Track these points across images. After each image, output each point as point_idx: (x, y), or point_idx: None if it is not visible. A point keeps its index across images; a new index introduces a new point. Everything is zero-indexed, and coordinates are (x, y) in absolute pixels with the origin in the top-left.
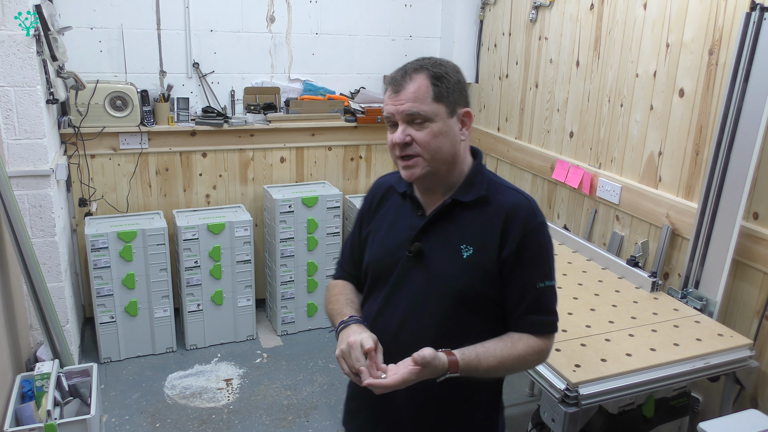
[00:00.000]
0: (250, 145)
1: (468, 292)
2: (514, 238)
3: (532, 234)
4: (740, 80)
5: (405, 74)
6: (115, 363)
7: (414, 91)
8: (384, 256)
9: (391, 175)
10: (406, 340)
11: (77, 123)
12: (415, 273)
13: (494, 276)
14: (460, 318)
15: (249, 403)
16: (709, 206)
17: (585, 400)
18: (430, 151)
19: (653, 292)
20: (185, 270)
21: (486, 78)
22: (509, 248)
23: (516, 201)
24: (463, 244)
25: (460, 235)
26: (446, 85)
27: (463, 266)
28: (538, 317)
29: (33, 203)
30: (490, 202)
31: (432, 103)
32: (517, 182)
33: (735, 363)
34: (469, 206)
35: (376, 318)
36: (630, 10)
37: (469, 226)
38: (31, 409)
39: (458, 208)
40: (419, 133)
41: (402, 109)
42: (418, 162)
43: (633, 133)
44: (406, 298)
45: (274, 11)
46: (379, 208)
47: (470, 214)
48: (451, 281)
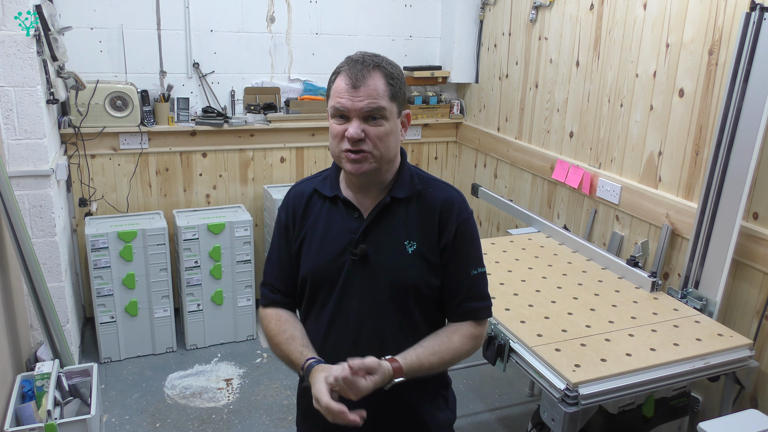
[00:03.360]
0: (250, 145)
1: (419, 285)
2: (450, 230)
3: (465, 224)
4: (740, 80)
5: (364, 69)
6: (115, 363)
7: (374, 88)
8: (325, 265)
9: (307, 182)
10: (366, 344)
11: (77, 123)
12: (362, 276)
13: (437, 267)
14: (414, 312)
15: (249, 403)
16: (709, 206)
17: (585, 399)
18: (380, 149)
19: (653, 292)
20: (185, 270)
21: (486, 78)
22: (446, 239)
23: (448, 195)
24: (406, 240)
25: (402, 231)
26: (398, 85)
27: (411, 261)
28: (475, 304)
29: (33, 203)
30: (423, 196)
31: (388, 101)
32: (517, 182)
33: (735, 363)
34: (405, 202)
35: (329, 328)
36: (630, 10)
37: (409, 221)
38: (32, 409)
39: (395, 205)
40: (373, 130)
41: (361, 106)
42: (367, 158)
43: (633, 133)
44: (357, 302)
45: (274, 11)
46: (305, 217)
47: (407, 210)
48: (402, 277)
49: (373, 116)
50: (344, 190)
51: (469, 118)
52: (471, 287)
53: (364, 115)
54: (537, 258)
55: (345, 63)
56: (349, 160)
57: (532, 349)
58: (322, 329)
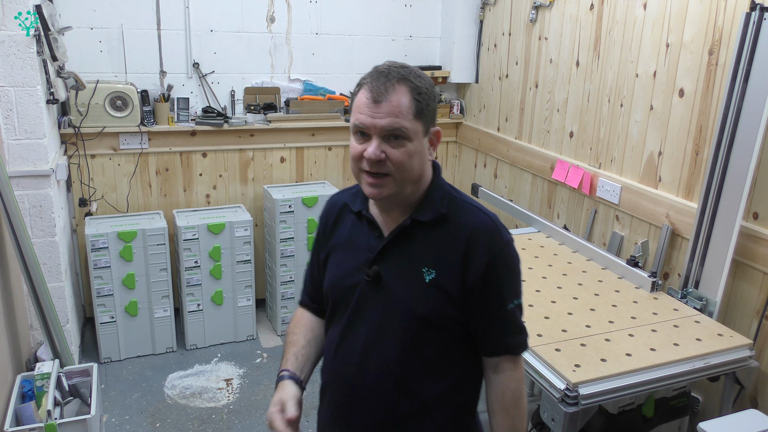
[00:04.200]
0: (250, 145)
1: (433, 316)
2: (481, 262)
3: (499, 256)
4: (740, 80)
5: (387, 82)
6: (115, 363)
7: (397, 104)
8: (342, 281)
9: (344, 192)
10: (369, 370)
11: (77, 123)
12: (374, 298)
13: (458, 299)
14: (423, 345)
15: (249, 403)
16: (709, 206)
17: (585, 399)
18: (403, 171)
19: (653, 292)
20: (185, 270)
21: (486, 78)
22: (476, 272)
23: (479, 221)
24: (424, 266)
25: (421, 257)
26: (426, 101)
27: (426, 291)
28: (511, 338)
29: (33, 203)
30: (450, 221)
31: (413, 120)
32: (516, 182)
33: (735, 363)
34: (429, 226)
35: (339, 346)
36: (630, 10)
37: (430, 247)
38: (32, 409)
39: (417, 228)
40: (395, 152)
41: (382, 124)
42: (387, 182)
43: (633, 133)
44: (366, 325)
45: (274, 11)
46: (335, 229)
47: (430, 235)
48: (413, 307)
49: (394, 135)
50: (371, 206)
51: (469, 118)
52: (506, 322)
53: (384, 133)
54: (537, 258)
55: (369, 75)
56: (368, 184)
57: (532, 349)
58: (334, 345)
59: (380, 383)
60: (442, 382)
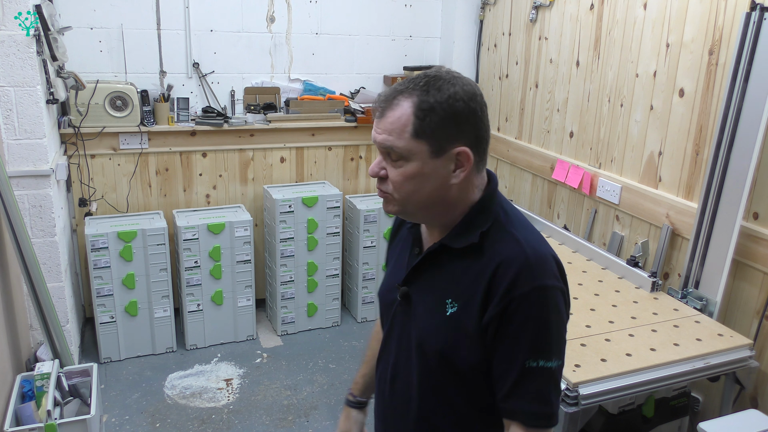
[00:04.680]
0: (250, 145)
1: (449, 354)
2: (500, 300)
3: (524, 300)
4: (740, 80)
5: (392, 96)
6: (115, 363)
7: (392, 121)
8: (386, 294)
9: None
10: (398, 390)
11: (77, 123)
12: (404, 320)
13: (476, 340)
14: (446, 385)
15: (249, 403)
16: (709, 206)
17: (585, 400)
18: (402, 193)
19: (653, 292)
20: (185, 270)
21: (486, 78)
22: (492, 310)
23: (512, 254)
24: (449, 298)
25: (447, 287)
26: (432, 118)
27: (446, 325)
28: (522, 404)
29: (33, 203)
30: (485, 251)
31: (410, 139)
32: (517, 182)
33: (735, 363)
34: (461, 254)
35: (379, 359)
36: (630, 10)
37: (458, 277)
38: (31, 409)
39: (449, 254)
40: (393, 171)
41: (378, 140)
42: (390, 200)
43: (633, 133)
44: (396, 345)
45: (274, 11)
46: (394, 239)
47: (461, 264)
48: (431, 339)
49: (391, 154)
50: None
51: None
52: (520, 381)
53: (383, 150)
54: None
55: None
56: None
57: None
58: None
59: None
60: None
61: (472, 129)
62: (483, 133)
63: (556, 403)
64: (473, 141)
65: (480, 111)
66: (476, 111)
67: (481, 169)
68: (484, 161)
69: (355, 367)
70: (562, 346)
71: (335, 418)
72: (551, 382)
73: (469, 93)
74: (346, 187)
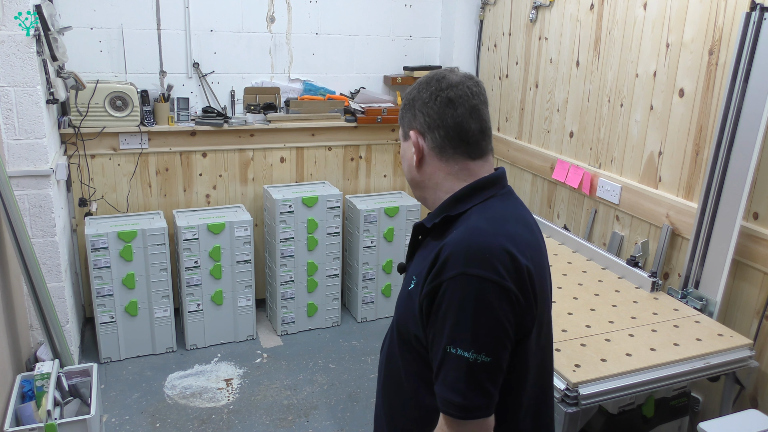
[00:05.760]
0: (250, 145)
1: (401, 328)
2: (432, 280)
3: (450, 283)
4: (740, 80)
5: None
6: (115, 363)
7: None
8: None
9: None
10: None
11: (77, 123)
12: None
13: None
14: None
15: (249, 403)
16: (709, 206)
17: (585, 400)
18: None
19: (653, 292)
20: (185, 270)
21: (486, 78)
22: (425, 289)
23: (456, 239)
24: (413, 275)
25: (416, 264)
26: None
27: (405, 298)
28: (440, 389)
29: (33, 203)
30: (445, 235)
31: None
32: (517, 182)
33: (735, 363)
34: (433, 235)
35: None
36: (630, 10)
37: (424, 256)
38: (31, 409)
39: (423, 234)
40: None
41: None
42: None
43: (633, 133)
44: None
45: (274, 11)
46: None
47: (430, 244)
48: (396, 314)
49: None
50: None
51: None
52: (441, 366)
53: None
54: None
55: None
56: None
57: None
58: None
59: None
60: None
61: (432, 115)
62: (449, 121)
63: (471, 397)
64: (430, 126)
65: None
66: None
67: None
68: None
69: (354, 367)
70: (485, 340)
71: (335, 418)
72: (466, 373)
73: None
74: (346, 187)
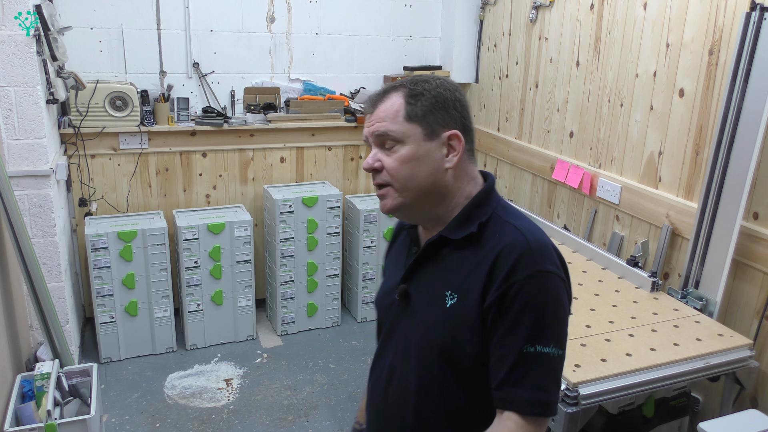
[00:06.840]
0: (250, 145)
1: (448, 347)
2: (500, 284)
3: (524, 283)
4: (740, 80)
5: (382, 92)
6: (115, 363)
7: (385, 110)
8: (382, 299)
9: None
10: (392, 395)
11: (77, 123)
12: (402, 320)
13: (476, 330)
14: (441, 376)
15: (249, 403)
16: (709, 206)
17: (585, 400)
18: (399, 179)
19: (653, 292)
20: (185, 270)
21: (486, 78)
22: (492, 296)
23: (514, 240)
24: (448, 290)
25: (446, 279)
26: (423, 103)
27: (445, 317)
28: (519, 391)
29: (33, 203)
30: (484, 242)
31: (403, 122)
32: (517, 182)
33: (735, 363)
34: (460, 246)
35: (373, 368)
36: (630, 10)
37: (457, 269)
38: (31, 409)
39: (448, 247)
40: (388, 158)
41: (371, 131)
42: (389, 193)
43: (633, 133)
44: (393, 348)
45: (274, 11)
46: (394, 244)
47: (461, 256)
48: (431, 333)
49: (386, 141)
50: None
51: None
52: (517, 368)
53: (377, 141)
54: None
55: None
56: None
57: None
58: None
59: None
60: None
61: (460, 116)
62: (469, 123)
63: (554, 393)
64: (462, 127)
65: (465, 103)
66: (462, 101)
67: (473, 159)
68: (473, 151)
69: (354, 367)
70: (562, 335)
71: (335, 418)
72: (550, 370)
73: (453, 86)
74: (346, 187)
